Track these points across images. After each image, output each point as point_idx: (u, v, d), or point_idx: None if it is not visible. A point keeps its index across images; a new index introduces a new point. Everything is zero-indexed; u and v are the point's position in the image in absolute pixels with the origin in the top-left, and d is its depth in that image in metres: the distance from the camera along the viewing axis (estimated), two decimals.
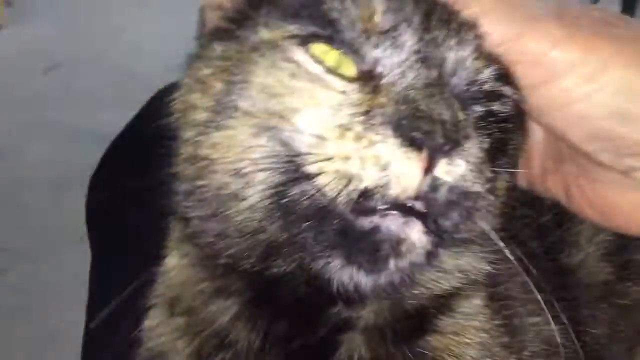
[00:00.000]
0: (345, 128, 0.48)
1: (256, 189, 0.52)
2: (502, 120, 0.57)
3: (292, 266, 0.54)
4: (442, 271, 0.59)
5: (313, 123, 0.50)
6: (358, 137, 0.47)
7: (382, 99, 0.49)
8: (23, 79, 3.30)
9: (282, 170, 0.51)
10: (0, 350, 1.94)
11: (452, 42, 0.54)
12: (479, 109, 0.55)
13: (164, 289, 0.66)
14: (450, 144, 0.47)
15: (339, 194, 0.47)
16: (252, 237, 0.54)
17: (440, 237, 0.51)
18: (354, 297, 0.55)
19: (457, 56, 0.54)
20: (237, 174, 0.53)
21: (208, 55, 0.59)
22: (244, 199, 0.53)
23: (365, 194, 0.47)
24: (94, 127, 2.49)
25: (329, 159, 0.48)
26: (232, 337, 0.60)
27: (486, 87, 0.56)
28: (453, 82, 0.54)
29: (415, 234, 0.49)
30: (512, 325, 0.65)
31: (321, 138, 0.49)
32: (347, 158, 0.47)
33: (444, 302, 0.61)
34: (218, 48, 0.58)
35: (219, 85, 0.55)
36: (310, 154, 0.49)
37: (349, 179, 0.47)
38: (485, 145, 0.53)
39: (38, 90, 3.18)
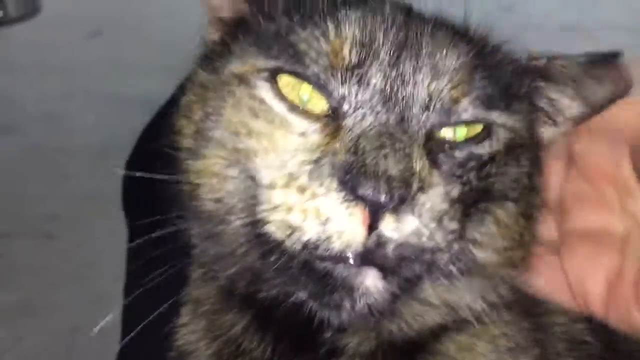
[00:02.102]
0: (292, 177, 0.47)
1: (236, 217, 0.52)
2: (485, 163, 0.53)
3: (274, 292, 0.55)
4: (427, 304, 0.57)
5: (267, 168, 0.50)
6: (302, 189, 0.46)
7: (336, 145, 0.47)
8: (67, 45, 3.32)
9: (252, 202, 0.51)
10: (49, 315, 1.99)
11: (424, 74, 0.51)
12: (458, 154, 0.52)
13: (192, 288, 0.68)
14: (395, 202, 0.45)
15: (284, 241, 0.47)
16: (241, 261, 0.55)
17: (403, 281, 0.50)
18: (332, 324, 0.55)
19: (429, 90, 0.51)
20: (219, 201, 0.53)
21: (195, 80, 0.60)
22: (228, 225, 0.53)
23: (308, 245, 0.46)
24: (137, 93, 2.50)
25: (274, 208, 0.48)
26: (245, 346, 0.60)
27: (466, 116, 0.53)
28: (422, 119, 0.51)
29: (370, 280, 0.48)
30: (537, 324, 0.63)
31: (270, 186, 0.48)
32: (290, 209, 0.47)
33: (438, 332, 0.59)
34: (202, 74, 0.59)
35: (199, 114, 0.56)
36: (260, 200, 0.49)
37: (292, 230, 0.47)
38: (455, 193, 0.50)
39: (82, 57, 3.20)
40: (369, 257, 0.47)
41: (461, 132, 0.54)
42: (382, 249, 0.46)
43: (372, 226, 0.46)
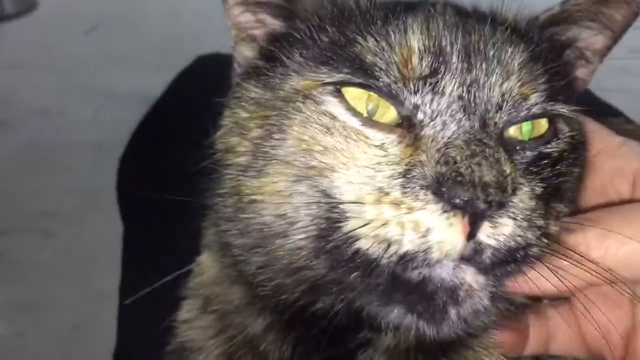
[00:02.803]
0: (383, 192, 0.47)
1: (300, 232, 0.51)
2: (555, 161, 0.54)
3: (339, 304, 0.54)
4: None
5: (350, 184, 0.49)
6: (396, 203, 0.46)
7: (422, 157, 0.47)
8: (63, 41, 3.32)
9: (325, 217, 0.50)
10: (48, 312, 1.99)
11: (496, 76, 0.52)
12: (529, 154, 0.53)
13: (198, 285, 0.67)
14: (494, 208, 0.46)
15: (380, 255, 0.47)
16: (298, 273, 0.54)
17: (498, 277, 0.50)
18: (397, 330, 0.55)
19: (502, 90, 0.52)
20: (280, 216, 0.52)
21: (244, 96, 0.58)
22: (288, 239, 0.52)
23: (406, 256, 0.46)
24: (134, 88, 2.50)
25: (367, 224, 0.47)
26: (263, 347, 0.60)
27: (535, 110, 0.53)
28: (497, 118, 0.51)
29: (470, 276, 0.48)
30: None
31: (359, 202, 0.48)
32: (385, 224, 0.46)
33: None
34: (253, 90, 0.58)
35: (257, 131, 0.55)
36: (348, 217, 0.48)
37: (389, 244, 0.46)
38: (538, 190, 0.51)
39: (78, 53, 3.20)
40: (465, 261, 0.48)
41: (527, 128, 0.54)
42: (479, 255, 0.47)
43: (471, 234, 0.46)
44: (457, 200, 0.45)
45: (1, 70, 3.12)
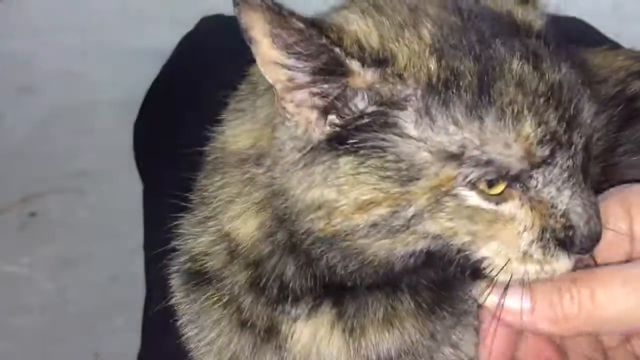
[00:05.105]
0: (527, 254, 0.58)
1: (400, 260, 0.59)
2: None
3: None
4: None
5: (493, 252, 0.58)
6: (539, 261, 0.58)
7: (550, 222, 0.57)
8: (80, 2, 3.32)
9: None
10: (86, 266, 2.09)
11: (584, 137, 0.58)
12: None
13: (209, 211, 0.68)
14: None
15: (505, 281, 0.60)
16: (378, 271, 0.61)
17: None
18: None
19: (586, 140, 0.58)
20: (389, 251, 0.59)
21: (355, 174, 0.56)
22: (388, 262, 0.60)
23: None
24: (150, 45, 2.52)
25: (515, 274, 0.59)
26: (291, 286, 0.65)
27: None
28: (585, 165, 0.59)
29: None
30: None
31: (508, 261, 0.58)
32: (527, 273, 0.59)
33: None
34: (368, 179, 0.56)
35: (383, 210, 0.56)
36: (489, 266, 0.59)
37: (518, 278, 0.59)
38: None
39: (94, 13, 3.20)
40: None
41: None
42: None
43: None
44: (582, 252, 0.58)
45: (22, 35, 3.15)
